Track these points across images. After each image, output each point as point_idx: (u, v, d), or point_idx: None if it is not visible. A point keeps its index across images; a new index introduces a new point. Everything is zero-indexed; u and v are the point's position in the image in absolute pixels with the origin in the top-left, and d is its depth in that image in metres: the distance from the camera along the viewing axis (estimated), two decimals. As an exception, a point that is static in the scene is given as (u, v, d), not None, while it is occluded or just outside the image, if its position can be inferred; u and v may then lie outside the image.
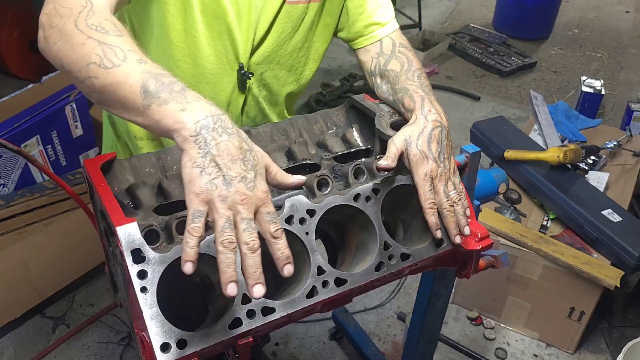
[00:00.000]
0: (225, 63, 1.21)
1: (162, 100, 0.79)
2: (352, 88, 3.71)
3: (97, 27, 0.87)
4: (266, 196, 0.77)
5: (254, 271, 0.73)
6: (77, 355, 2.22)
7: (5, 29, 3.46)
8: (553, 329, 2.28)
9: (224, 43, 1.19)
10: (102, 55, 0.84)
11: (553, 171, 2.25)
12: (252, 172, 0.76)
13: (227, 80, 1.24)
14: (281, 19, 1.21)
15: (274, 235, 0.75)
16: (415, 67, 1.24)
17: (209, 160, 0.74)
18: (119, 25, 0.90)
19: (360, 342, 2.15)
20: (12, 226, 2.33)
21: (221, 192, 0.73)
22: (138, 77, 0.81)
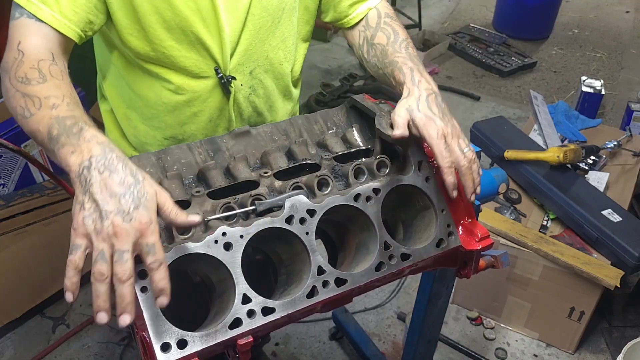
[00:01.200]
0: (206, 71, 1.21)
1: (60, 144, 0.85)
2: (352, 88, 3.72)
3: (23, 79, 0.95)
4: (146, 227, 0.77)
5: (121, 301, 0.75)
6: (77, 355, 2.22)
7: (6, 29, 3.45)
8: (553, 329, 2.28)
9: (199, 51, 1.18)
10: (24, 107, 0.92)
11: (553, 171, 2.25)
12: (132, 204, 0.77)
13: (211, 87, 1.23)
14: (257, 15, 1.19)
15: (150, 267, 0.77)
16: (401, 37, 1.23)
17: (88, 197, 0.78)
18: (45, 70, 0.96)
19: (360, 342, 2.15)
20: (12, 226, 2.33)
21: (96, 226, 0.76)
22: (46, 124, 0.88)
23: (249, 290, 0.88)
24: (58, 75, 0.97)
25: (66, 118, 0.88)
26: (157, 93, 1.23)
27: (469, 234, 1.11)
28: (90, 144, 0.83)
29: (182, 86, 1.22)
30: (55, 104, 0.90)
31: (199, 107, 1.25)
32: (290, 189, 1.02)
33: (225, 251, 0.88)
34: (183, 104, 1.24)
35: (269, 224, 0.92)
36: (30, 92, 0.93)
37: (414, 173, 1.06)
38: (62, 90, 0.94)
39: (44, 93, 0.92)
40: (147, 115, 1.28)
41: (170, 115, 1.26)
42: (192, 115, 1.27)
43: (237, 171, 1.05)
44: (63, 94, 0.93)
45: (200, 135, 1.30)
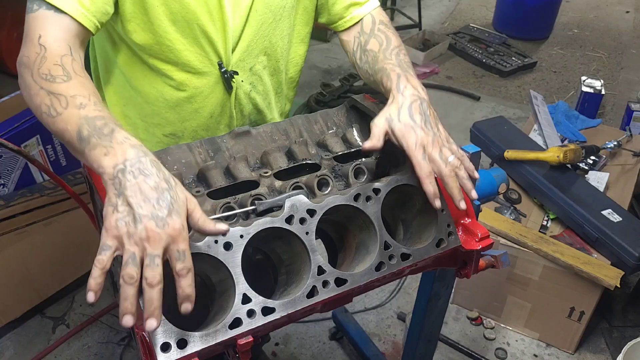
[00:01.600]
0: (209, 66, 1.21)
1: (92, 145, 0.84)
2: (352, 88, 3.71)
3: (47, 76, 0.93)
4: (178, 234, 0.77)
5: (149, 305, 0.76)
6: (77, 355, 2.22)
7: (5, 29, 3.46)
8: (553, 329, 2.28)
9: (202, 46, 1.18)
10: (50, 105, 0.91)
11: (553, 171, 2.25)
12: (165, 210, 0.77)
13: (213, 83, 1.24)
14: (259, 11, 1.20)
15: (179, 274, 0.77)
16: (393, 45, 1.23)
17: (122, 200, 0.78)
18: (68, 67, 0.95)
19: (360, 342, 2.15)
20: (12, 226, 2.32)
21: (129, 229, 0.76)
22: (74, 124, 0.87)
23: (249, 290, 0.88)
24: (81, 73, 0.96)
25: (96, 118, 0.87)
26: (159, 89, 1.23)
27: (469, 234, 1.11)
28: (124, 146, 0.82)
29: (184, 82, 1.22)
30: (82, 104, 0.89)
31: (201, 103, 1.26)
32: (290, 189, 1.03)
33: (225, 251, 0.88)
34: (184, 100, 1.25)
35: (269, 224, 0.92)
36: (56, 90, 0.91)
37: (414, 173, 1.06)
38: (87, 89, 0.93)
39: (70, 92, 0.91)
40: (147, 112, 1.28)
41: (171, 111, 1.27)
42: (193, 112, 1.27)
43: (237, 171, 1.05)
44: (89, 93, 0.92)
45: (201, 131, 1.31)
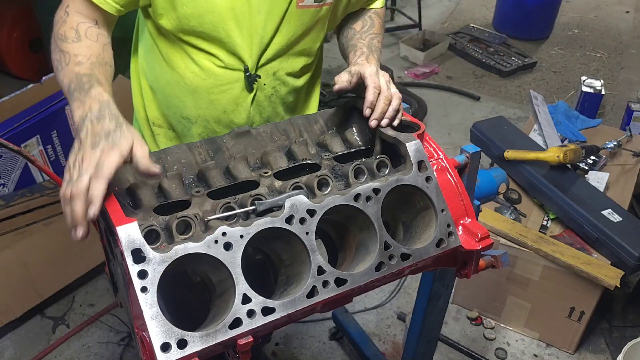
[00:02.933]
0: (232, 64, 1.26)
1: (74, 98, 0.99)
2: (352, 88, 3.71)
3: (62, 36, 1.10)
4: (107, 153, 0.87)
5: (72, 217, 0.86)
6: (77, 355, 2.22)
7: (5, 29, 3.46)
8: (553, 329, 2.28)
9: (227, 47, 1.23)
10: (58, 60, 1.08)
11: (553, 171, 2.25)
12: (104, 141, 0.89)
13: (234, 80, 1.28)
14: (292, 23, 1.25)
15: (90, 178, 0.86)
16: (374, 31, 1.37)
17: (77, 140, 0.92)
18: (81, 31, 1.11)
19: (360, 342, 2.15)
20: (12, 226, 2.33)
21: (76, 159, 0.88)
22: (68, 78, 1.03)
23: (249, 290, 0.87)
24: (92, 37, 1.11)
25: (84, 75, 1.02)
26: (181, 73, 1.29)
27: (469, 234, 1.11)
28: (94, 100, 0.96)
29: (207, 69, 1.27)
30: (80, 62, 1.05)
31: (217, 95, 1.30)
32: (290, 189, 1.02)
33: (225, 251, 0.88)
34: (203, 89, 1.29)
35: (269, 224, 0.92)
36: (65, 48, 1.08)
37: (414, 173, 1.06)
38: (92, 50, 1.09)
39: (75, 51, 1.07)
40: (169, 92, 1.34)
41: (189, 97, 1.32)
42: (209, 102, 1.31)
43: (237, 171, 1.05)
44: (90, 54, 1.07)
45: (213, 122, 1.35)
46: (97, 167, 0.86)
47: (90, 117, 0.93)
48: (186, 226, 0.93)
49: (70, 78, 1.02)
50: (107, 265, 1.13)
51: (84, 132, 0.91)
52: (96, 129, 0.91)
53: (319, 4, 1.26)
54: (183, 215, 0.93)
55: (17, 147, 1.25)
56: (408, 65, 4.31)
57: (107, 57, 1.12)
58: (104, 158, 0.86)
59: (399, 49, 4.41)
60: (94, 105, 0.95)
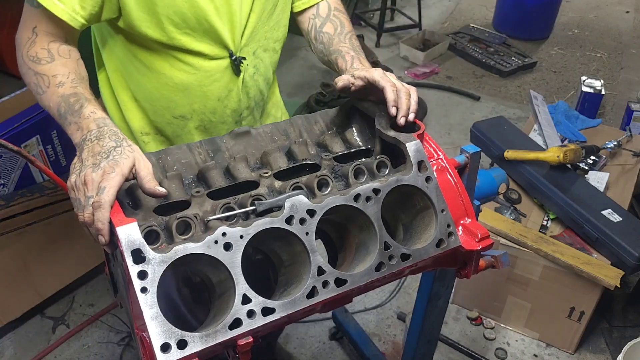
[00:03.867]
0: (217, 53, 1.28)
1: (68, 121, 1.00)
2: (352, 88, 3.71)
3: (33, 58, 1.09)
4: (107, 174, 0.88)
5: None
6: (77, 355, 2.22)
7: (5, 29, 3.46)
8: (553, 329, 2.28)
9: (212, 38, 1.25)
10: (37, 84, 1.07)
11: (553, 171, 2.25)
12: (105, 161, 0.90)
13: (222, 67, 1.30)
14: (261, 1, 1.29)
15: (93, 206, 0.87)
16: (347, 29, 1.39)
17: (77, 160, 0.94)
18: (54, 50, 1.10)
19: (360, 342, 2.15)
20: (12, 226, 2.32)
21: (77, 179, 0.90)
22: (55, 102, 1.03)
23: (249, 290, 0.87)
24: (65, 54, 1.11)
25: (70, 96, 1.02)
26: (168, 74, 1.29)
27: (469, 234, 1.11)
28: (89, 120, 0.97)
29: (195, 66, 1.28)
30: (61, 82, 1.05)
31: (209, 86, 1.31)
32: (290, 189, 1.02)
33: (225, 251, 0.88)
34: (194, 84, 1.30)
35: (268, 224, 0.92)
36: (41, 70, 1.07)
37: (414, 173, 1.06)
38: (68, 67, 1.08)
39: (52, 72, 1.06)
40: (155, 96, 1.33)
41: (180, 94, 1.32)
42: (201, 95, 1.33)
43: (237, 171, 1.05)
44: (69, 71, 1.07)
45: (208, 113, 1.36)
46: (100, 191, 0.86)
47: (89, 137, 0.94)
48: (186, 226, 0.93)
49: (56, 102, 1.03)
50: (107, 266, 1.13)
51: (85, 152, 0.93)
52: (96, 149, 0.92)
53: None
54: (183, 215, 0.93)
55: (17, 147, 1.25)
56: (408, 65, 4.31)
57: (82, 71, 1.12)
58: (105, 182, 0.87)
59: (399, 49, 4.41)
60: (91, 125, 0.96)
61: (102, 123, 0.97)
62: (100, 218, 0.86)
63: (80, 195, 0.89)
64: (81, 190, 0.89)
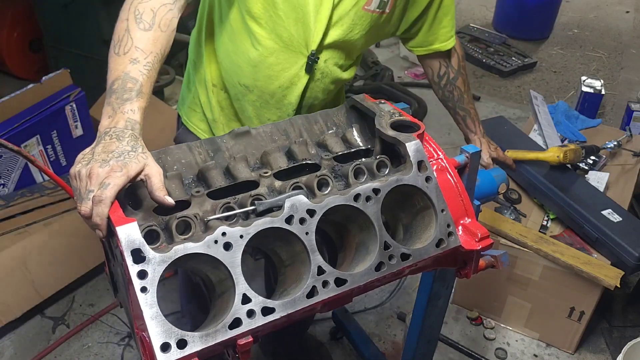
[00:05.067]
0: (297, 45, 1.34)
1: (109, 101, 0.99)
2: (352, 88, 3.71)
3: (137, 14, 1.07)
4: (114, 172, 0.88)
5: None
6: (77, 355, 2.22)
7: (5, 29, 3.46)
8: (553, 329, 2.28)
9: (298, 29, 1.31)
10: (119, 40, 1.05)
11: (553, 171, 2.25)
12: (114, 160, 0.89)
13: (295, 61, 1.36)
14: (353, 20, 1.34)
15: (94, 200, 0.87)
16: (468, 84, 1.67)
17: (90, 150, 0.93)
18: (158, 18, 1.08)
19: (360, 342, 2.15)
20: (12, 226, 2.33)
21: (80, 170, 0.90)
22: (115, 74, 1.02)
23: (249, 290, 0.87)
24: (164, 26, 1.09)
25: (131, 79, 1.00)
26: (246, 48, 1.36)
27: (469, 234, 1.11)
28: (123, 116, 0.96)
29: (271, 50, 1.34)
30: (136, 59, 1.03)
31: (277, 73, 1.38)
32: (290, 189, 1.02)
33: (225, 251, 0.88)
34: (264, 64, 1.37)
35: (268, 224, 0.92)
36: (132, 32, 1.05)
37: (414, 173, 1.06)
38: (156, 45, 1.06)
39: (139, 42, 1.05)
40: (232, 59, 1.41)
41: (250, 68, 1.38)
42: (267, 77, 1.39)
43: (237, 171, 1.05)
44: (151, 51, 1.05)
45: (266, 95, 1.42)
46: (102, 186, 0.87)
47: (111, 133, 0.94)
48: (186, 226, 0.93)
49: (117, 74, 1.01)
50: (107, 266, 1.13)
51: (100, 146, 0.92)
52: (112, 147, 0.92)
53: (379, 10, 1.35)
54: (183, 215, 0.93)
55: (17, 147, 1.25)
56: (408, 65, 4.31)
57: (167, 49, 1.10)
58: (109, 179, 0.87)
59: (399, 49, 4.41)
60: (120, 123, 0.96)
61: (130, 126, 0.96)
62: (99, 213, 0.86)
63: (81, 186, 0.89)
64: (84, 182, 0.89)
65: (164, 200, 0.91)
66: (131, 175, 0.89)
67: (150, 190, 0.92)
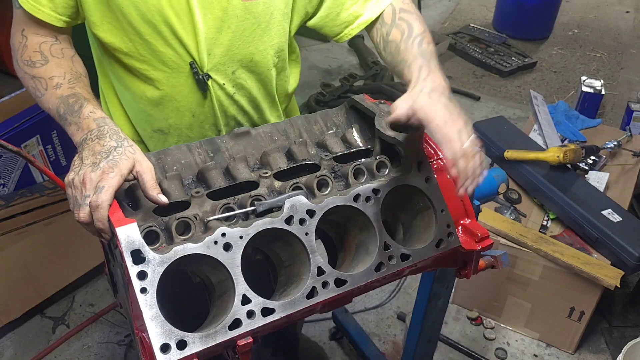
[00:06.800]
0: (183, 66, 1.19)
1: (68, 122, 1.00)
2: (352, 88, 3.71)
3: (28, 62, 1.10)
4: (106, 174, 0.88)
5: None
6: (77, 355, 2.22)
7: (5, 29, 3.45)
8: (553, 329, 2.28)
9: (174, 46, 1.16)
10: (34, 87, 1.08)
11: (553, 171, 2.25)
12: (104, 161, 0.90)
13: (190, 83, 1.22)
14: (239, 17, 1.17)
15: (91, 206, 0.87)
16: (415, 32, 1.17)
17: (78, 158, 0.94)
18: (46, 51, 1.10)
19: (360, 342, 2.15)
20: (12, 226, 2.33)
21: (75, 177, 0.90)
22: (54, 104, 1.04)
23: (249, 290, 0.87)
24: (58, 54, 1.11)
25: (69, 97, 1.02)
26: (141, 88, 1.24)
27: (469, 234, 1.11)
28: (89, 120, 0.98)
29: (161, 80, 1.21)
30: (58, 83, 1.05)
31: (180, 102, 1.25)
32: (290, 189, 1.02)
33: (224, 252, 0.88)
34: (165, 99, 1.25)
35: (268, 224, 0.92)
36: (36, 74, 1.08)
37: (414, 173, 1.06)
38: (63, 67, 1.08)
39: (48, 74, 1.07)
40: (136, 108, 1.31)
41: (155, 109, 1.27)
42: (174, 110, 1.27)
43: (236, 172, 1.05)
44: (64, 71, 1.07)
45: (185, 129, 1.30)
46: (97, 190, 0.87)
47: (90, 137, 0.95)
48: (186, 227, 0.93)
49: (55, 103, 1.03)
50: (107, 266, 1.13)
51: (85, 151, 0.93)
52: (97, 148, 0.92)
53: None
54: (182, 216, 0.93)
55: (17, 147, 1.25)
56: (408, 65, 4.30)
57: (79, 68, 1.12)
58: (103, 182, 0.87)
59: (399, 49, 4.41)
60: (91, 124, 0.97)
61: (102, 122, 0.97)
62: (100, 218, 0.86)
63: (77, 193, 0.89)
64: (78, 188, 0.89)
65: (158, 199, 0.91)
66: (124, 173, 0.90)
67: (143, 188, 0.92)
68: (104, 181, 0.87)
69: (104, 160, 0.90)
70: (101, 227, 0.87)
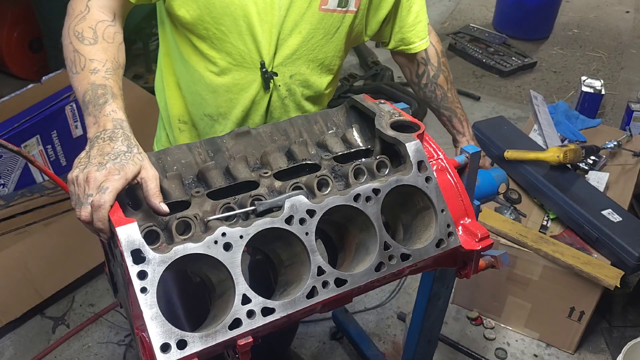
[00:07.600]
0: (249, 61, 1.26)
1: (88, 112, 0.99)
2: (352, 88, 3.71)
3: (78, 35, 1.07)
4: (111, 175, 0.88)
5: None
6: (77, 355, 2.22)
7: (5, 29, 3.46)
8: (553, 329, 2.28)
9: (246, 42, 1.23)
10: (72, 61, 1.06)
11: (553, 171, 2.25)
12: (110, 163, 0.89)
13: (251, 79, 1.28)
14: (312, 24, 1.25)
15: (92, 205, 0.87)
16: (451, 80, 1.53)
17: (85, 155, 0.93)
18: (99, 32, 1.08)
19: (360, 342, 2.15)
20: (12, 226, 2.33)
21: (78, 176, 0.90)
22: (83, 87, 1.02)
23: (249, 290, 0.87)
24: (109, 38, 1.09)
25: (99, 87, 1.01)
26: (201, 72, 1.30)
27: (469, 234, 1.11)
28: (107, 118, 0.96)
29: (225, 70, 1.28)
30: (95, 69, 1.03)
31: (237, 94, 1.31)
32: (290, 189, 1.02)
33: (224, 252, 0.88)
34: (222, 88, 1.30)
35: (268, 224, 0.92)
36: (81, 50, 1.06)
37: (414, 173, 1.06)
38: (108, 53, 1.07)
39: (91, 55, 1.05)
40: (192, 90, 1.35)
41: (210, 95, 1.33)
42: (228, 101, 1.32)
43: (236, 171, 1.05)
44: (106, 59, 1.06)
45: (231, 123, 1.35)
46: (100, 190, 0.86)
47: (102, 136, 0.94)
48: (186, 227, 0.93)
49: (85, 87, 1.02)
50: (107, 266, 1.13)
51: (94, 149, 0.92)
52: (106, 149, 0.91)
53: (342, 9, 1.26)
54: (183, 215, 0.93)
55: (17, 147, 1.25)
56: (408, 65, 4.30)
57: (121, 59, 1.11)
58: (107, 183, 0.87)
59: (399, 49, 4.41)
60: (108, 125, 0.96)
61: (119, 125, 0.96)
62: (100, 218, 0.86)
63: (79, 191, 0.89)
64: (82, 186, 0.88)
65: (159, 208, 0.90)
66: (129, 177, 0.89)
67: (146, 195, 0.91)
68: (108, 182, 0.87)
69: (111, 162, 0.89)
70: (101, 227, 0.87)
